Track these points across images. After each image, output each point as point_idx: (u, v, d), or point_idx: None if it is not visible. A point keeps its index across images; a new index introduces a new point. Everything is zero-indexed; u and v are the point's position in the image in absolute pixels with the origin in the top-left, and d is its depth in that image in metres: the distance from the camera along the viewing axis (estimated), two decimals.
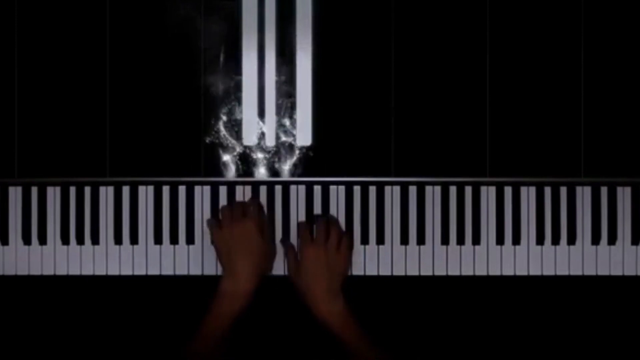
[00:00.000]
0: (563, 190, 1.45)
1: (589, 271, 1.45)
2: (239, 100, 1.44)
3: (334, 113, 1.44)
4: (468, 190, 1.45)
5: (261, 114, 1.44)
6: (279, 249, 1.44)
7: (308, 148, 1.43)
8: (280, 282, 1.43)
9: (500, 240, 1.45)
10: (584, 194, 1.45)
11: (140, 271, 1.45)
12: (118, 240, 1.45)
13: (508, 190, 1.45)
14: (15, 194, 1.45)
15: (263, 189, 1.45)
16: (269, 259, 1.40)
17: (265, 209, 1.45)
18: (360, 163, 1.44)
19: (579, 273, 1.45)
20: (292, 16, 1.44)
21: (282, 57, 1.44)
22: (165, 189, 1.45)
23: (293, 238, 1.45)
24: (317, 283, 1.35)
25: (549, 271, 1.45)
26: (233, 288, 1.34)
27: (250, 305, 1.35)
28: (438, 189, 1.45)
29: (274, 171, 1.44)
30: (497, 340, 1.50)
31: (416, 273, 1.45)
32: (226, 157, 1.44)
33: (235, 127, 1.44)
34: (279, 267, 1.45)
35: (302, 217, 1.45)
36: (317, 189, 1.45)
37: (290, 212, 1.45)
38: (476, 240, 1.45)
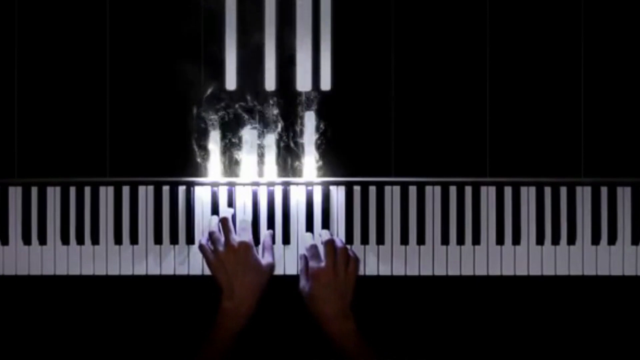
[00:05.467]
0: (563, 190, 1.45)
1: (589, 271, 1.45)
2: (240, 101, 1.44)
3: (335, 114, 1.44)
4: (468, 190, 1.45)
5: (262, 115, 1.44)
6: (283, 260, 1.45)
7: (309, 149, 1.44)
8: (280, 281, 1.44)
9: (500, 240, 1.45)
10: (584, 194, 1.45)
11: (140, 271, 1.45)
12: (118, 240, 1.45)
13: (508, 190, 1.45)
14: (15, 194, 1.45)
15: (263, 190, 1.45)
16: (268, 274, 1.40)
17: (265, 210, 1.45)
18: (360, 163, 1.44)
19: (579, 273, 1.45)
20: (292, 20, 1.44)
21: (282, 57, 1.44)
22: (165, 189, 1.45)
23: (293, 240, 1.45)
24: (328, 305, 1.35)
25: (549, 271, 1.45)
26: (234, 307, 1.35)
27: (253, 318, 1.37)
28: (438, 189, 1.45)
29: (274, 172, 1.44)
30: (497, 340, 1.50)
31: (416, 273, 1.45)
32: (227, 158, 1.44)
33: (237, 128, 1.44)
34: (279, 267, 1.45)
35: (302, 218, 1.45)
36: (318, 189, 1.45)
37: (290, 213, 1.45)
38: (476, 240, 1.45)
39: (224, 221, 1.40)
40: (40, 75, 1.43)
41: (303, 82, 1.44)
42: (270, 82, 1.44)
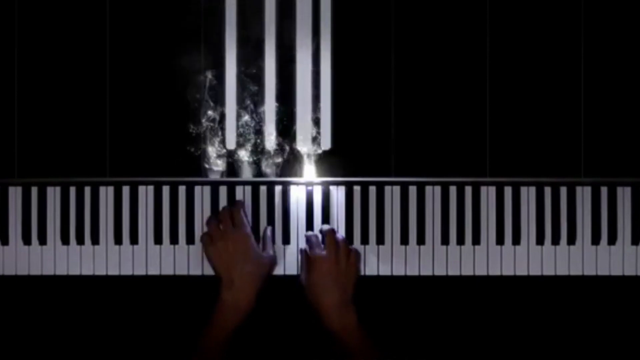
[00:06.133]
0: (563, 190, 1.45)
1: (589, 271, 1.45)
2: (241, 102, 1.44)
3: (335, 114, 1.44)
4: (468, 190, 1.45)
5: (262, 116, 1.44)
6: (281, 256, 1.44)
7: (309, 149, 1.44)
8: (280, 281, 1.44)
9: (500, 240, 1.45)
10: (584, 194, 1.45)
11: (140, 271, 1.45)
12: (118, 240, 1.45)
13: (508, 190, 1.45)
14: (15, 194, 1.45)
15: (263, 190, 1.45)
16: (268, 266, 1.39)
17: (265, 210, 1.45)
18: (360, 163, 1.44)
19: (579, 273, 1.45)
20: (293, 22, 1.44)
21: (282, 59, 1.44)
22: (165, 189, 1.45)
23: (293, 240, 1.45)
24: (329, 296, 1.34)
25: (549, 271, 1.45)
26: (233, 299, 1.34)
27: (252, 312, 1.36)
28: (438, 189, 1.45)
29: (274, 172, 1.44)
30: (497, 340, 1.51)
31: (416, 273, 1.45)
32: (227, 158, 1.44)
33: (237, 128, 1.44)
34: (279, 267, 1.45)
35: (303, 218, 1.45)
36: (318, 189, 1.45)
37: (290, 213, 1.45)
38: (476, 240, 1.45)
39: (222, 212, 1.40)
40: (40, 75, 1.43)
41: (303, 81, 1.44)
42: (270, 81, 1.44)
